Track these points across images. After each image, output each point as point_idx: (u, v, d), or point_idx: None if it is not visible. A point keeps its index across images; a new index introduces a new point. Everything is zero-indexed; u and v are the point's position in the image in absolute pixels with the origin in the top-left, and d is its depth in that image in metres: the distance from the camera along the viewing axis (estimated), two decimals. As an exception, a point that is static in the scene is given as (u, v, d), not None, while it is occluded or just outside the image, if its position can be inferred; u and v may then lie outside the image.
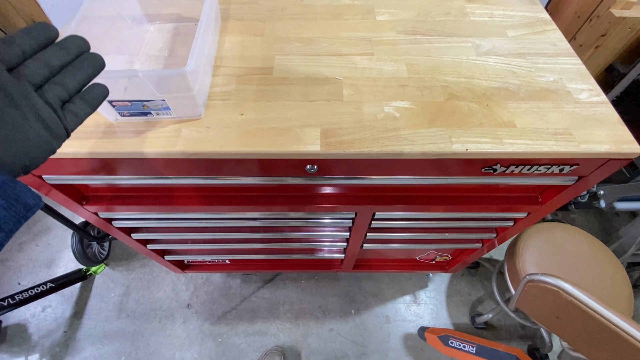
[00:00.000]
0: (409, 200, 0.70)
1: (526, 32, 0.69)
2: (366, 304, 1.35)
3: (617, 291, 0.94)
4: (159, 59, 0.64)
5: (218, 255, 1.10)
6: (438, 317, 1.33)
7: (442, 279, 1.42)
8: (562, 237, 1.03)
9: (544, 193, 0.70)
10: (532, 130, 0.53)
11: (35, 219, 1.52)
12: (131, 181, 0.62)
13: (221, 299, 1.35)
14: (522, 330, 1.30)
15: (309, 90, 0.58)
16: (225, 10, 0.72)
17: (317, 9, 0.73)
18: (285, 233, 0.89)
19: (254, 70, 0.61)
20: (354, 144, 0.51)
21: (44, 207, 1.02)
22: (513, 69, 0.62)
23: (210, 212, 0.76)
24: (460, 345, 1.11)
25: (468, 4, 0.75)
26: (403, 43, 0.66)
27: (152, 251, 0.97)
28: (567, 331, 0.80)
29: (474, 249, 0.98)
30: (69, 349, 1.23)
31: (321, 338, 1.28)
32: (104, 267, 1.41)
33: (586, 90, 0.59)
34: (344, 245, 0.99)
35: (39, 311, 1.31)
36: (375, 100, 0.57)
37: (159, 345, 1.25)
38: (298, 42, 0.66)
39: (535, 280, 0.77)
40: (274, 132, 0.53)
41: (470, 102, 0.57)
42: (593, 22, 1.20)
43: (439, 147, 0.51)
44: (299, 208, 0.71)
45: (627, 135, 0.53)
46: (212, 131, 0.52)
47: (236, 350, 1.24)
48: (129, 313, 1.31)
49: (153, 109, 0.52)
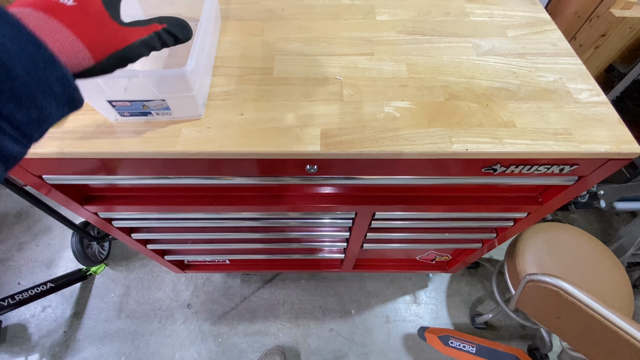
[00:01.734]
0: (409, 200, 0.70)
1: (526, 32, 0.69)
2: (366, 304, 1.35)
3: (617, 291, 0.94)
4: (159, 59, 0.64)
5: (218, 255, 1.10)
6: (438, 317, 1.33)
7: (442, 279, 1.42)
8: (562, 237, 1.03)
9: (544, 193, 0.70)
10: (532, 130, 0.53)
11: (35, 219, 1.53)
12: (131, 181, 0.62)
13: (221, 299, 1.35)
14: (522, 330, 1.30)
15: (309, 90, 0.58)
16: (225, 10, 0.72)
17: (317, 9, 0.73)
18: (285, 233, 0.89)
19: (254, 70, 0.61)
20: (354, 144, 0.51)
21: (43, 207, 1.03)
22: (513, 69, 0.62)
23: (210, 212, 0.76)
24: (460, 345, 1.11)
25: (468, 4, 0.75)
26: (403, 43, 0.66)
27: (152, 251, 0.97)
28: (567, 331, 0.80)
29: (474, 249, 0.98)
30: (69, 349, 1.23)
31: (321, 338, 1.28)
32: (104, 267, 1.41)
33: (586, 90, 0.59)
34: (344, 245, 0.99)
35: (39, 311, 1.31)
36: (375, 100, 0.57)
37: (159, 345, 1.25)
38: (298, 42, 0.66)
39: (535, 280, 0.77)
40: (274, 132, 0.53)
41: (470, 102, 0.57)
42: (593, 22, 1.20)
43: (439, 147, 0.51)
44: (299, 208, 0.71)
45: (627, 135, 0.53)
46: (212, 131, 0.52)
47: (236, 350, 1.24)
48: (129, 313, 1.31)
49: (153, 109, 0.52)
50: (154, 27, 0.31)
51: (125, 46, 0.28)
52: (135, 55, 0.29)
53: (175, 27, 0.32)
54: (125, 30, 0.28)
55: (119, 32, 0.28)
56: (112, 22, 0.28)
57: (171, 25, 0.32)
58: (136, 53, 0.29)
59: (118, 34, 0.28)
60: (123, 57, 0.28)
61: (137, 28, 0.29)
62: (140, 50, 0.29)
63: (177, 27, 0.32)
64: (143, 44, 0.29)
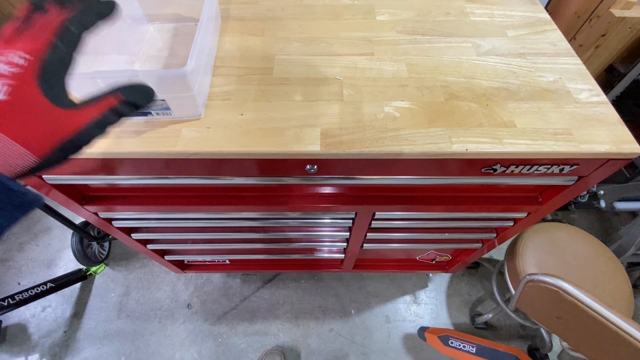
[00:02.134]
0: (409, 200, 0.70)
1: (526, 32, 0.69)
2: (366, 304, 1.35)
3: (617, 291, 0.94)
4: (159, 59, 0.64)
5: (218, 255, 1.10)
6: (438, 317, 1.33)
7: (442, 279, 1.42)
8: (562, 237, 1.03)
9: (544, 193, 0.70)
10: (532, 130, 0.53)
11: (35, 219, 1.53)
12: (131, 181, 0.62)
13: (221, 299, 1.35)
14: (522, 330, 1.30)
15: (309, 90, 0.58)
16: (225, 10, 0.72)
17: (317, 9, 0.73)
18: (285, 233, 0.89)
19: (254, 70, 0.61)
20: (354, 144, 0.51)
21: (43, 207, 1.03)
22: (513, 69, 0.62)
23: (210, 212, 0.76)
24: (460, 345, 1.11)
25: (468, 4, 0.75)
26: (403, 43, 0.66)
27: (152, 251, 0.97)
28: (567, 331, 0.80)
29: (474, 249, 0.98)
30: (69, 349, 1.23)
31: (321, 338, 1.28)
32: (104, 267, 1.41)
33: (586, 90, 0.59)
34: (344, 245, 0.99)
35: (39, 311, 1.31)
36: (375, 100, 0.57)
37: (159, 345, 1.25)
38: (298, 42, 0.66)
39: (535, 280, 0.77)
40: (274, 132, 0.53)
41: (470, 102, 0.57)
42: (593, 22, 1.20)
43: (439, 147, 0.51)
44: (299, 208, 0.71)
45: (627, 135, 0.53)
46: (212, 131, 0.52)
47: (236, 350, 1.24)
48: (129, 313, 1.31)
49: (153, 109, 0.52)
50: (107, 103, 0.27)
51: (74, 133, 0.25)
52: (86, 139, 0.26)
53: (133, 95, 0.28)
54: (71, 115, 0.25)
55: (63, 118, 0.25)
56: (54, 109, 0.24)
57: (129, 94, 0.28)
58: (88, 137, 0.26)
59: (62, 121, 0.25)
60: (73, 145, 0.25)
61: (86, 108, 0.26)
62: (92, 133, 0.26)
63: (135, 95, 0.29)
64: (95, 125, 0.26)
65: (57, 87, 0.25)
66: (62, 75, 0.26)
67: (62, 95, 0.25)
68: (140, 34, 0.66)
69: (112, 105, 0.27)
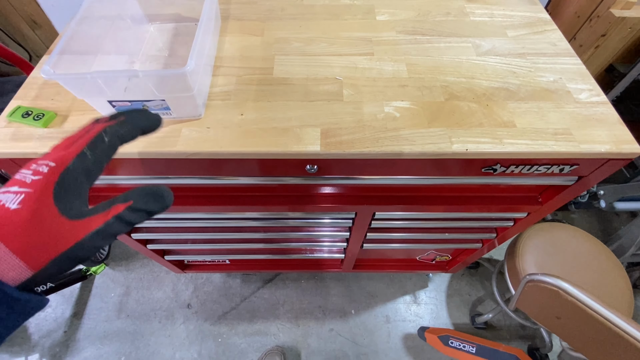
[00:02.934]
0: (409, 200, 0.70)
1: (526, 32, 0.69)
2: (366, 304, 1.35)
3: (617, 291, 0.94)
4: (159, 59, 0.64)
5: (218, 255, 1.10)
6: (438, 317, 1.33)
7: (442, 279, 1.42)
8: (562, 237, 1.03)
9: (544, 193, 0.70)
10: (532, 130, 0.53)
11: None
12: (131, 181, 0.62)
13: (221, 299, 1.35)
14: (522, 330, 1.30)
15: (309, 90, 0.58)
16: (225, 10, 0.72)
17: (317, 9, 0.73)
18: (285, 233, 0.89)
19: (254, 70, 0.61)
20: (354, 144, 0.51)
21: None
22: (513, 69, 0.62)
23: (210, 212, 0.76)
24: (460, 345, 1.11)
25: (468, 4, 0.75)
26: (403, 43, 0.66)
27: (152, 251, 0.97)
28: (567, 331, 0.80)
29: (474, 249, 0.98)
30: (69, 349, 1.23)
31: (321, 338, 1.28)
32: (104, 267, 1.41)
33: (586, 90, 0.59)
34: (344, 245, 0.99)
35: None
36: (375, 100, 0.57)
37: (159, 345, 1.25)
38: (298, 42, 0.66)
39: (535, 280, 0.77)
40: (274, 132, 0.53)
41: (470, 102, 0.57)
42: (593, 22, 1.20)
43: (439, 147, 0.51)
44: (298, 208, 0.71)
45: (627, 135, 0.53)
46: (212, 131, 0.52)
47: (236, 350, 1.24)
48: (129, 313, 1.31)
49: (153, 109, 0.52)
50: (114, 210, 0.25)
51: (72, 245, 0.23)
52: (86, 252, 0.24)
53: (144, 200, 0.26)
54: (75, 225, 0.23)
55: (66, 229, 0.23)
56: (60, 220, 0.23)
57: (140, 199, 0.26)
58: (88, 249, 0.24)
59: (65, 233, 0.23)
60: (70, 258, 0.23)
61: (91, 218, 0.24)
62: (93, 244, 0.24)
63: (147, 199, 0.26)
64: (96, 235, 0.24)
65: (72, 197, 0.24)
66: (81, 184, 0.25)
67: (74, 205, 0.24)
68: (140, 34, 0.66)
69: (118, 212, 0.25)
